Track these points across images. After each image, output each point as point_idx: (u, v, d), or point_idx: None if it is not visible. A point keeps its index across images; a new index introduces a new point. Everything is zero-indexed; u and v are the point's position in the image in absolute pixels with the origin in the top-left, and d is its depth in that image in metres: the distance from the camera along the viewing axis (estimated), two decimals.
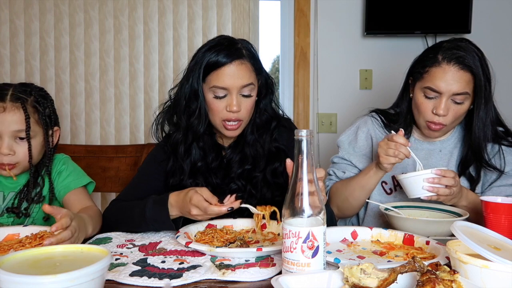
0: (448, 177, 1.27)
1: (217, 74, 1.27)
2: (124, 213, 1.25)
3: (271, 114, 1.41)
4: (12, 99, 1.30)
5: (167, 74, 2.64)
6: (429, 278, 0.69)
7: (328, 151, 2.70)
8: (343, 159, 1.62)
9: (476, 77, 1.38)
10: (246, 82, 1.29)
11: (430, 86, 1.40)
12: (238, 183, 1.37)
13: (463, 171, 1.48)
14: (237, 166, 1.38)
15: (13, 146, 1.30)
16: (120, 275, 0.88)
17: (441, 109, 1.39)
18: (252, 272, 0.90)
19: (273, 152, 1.39)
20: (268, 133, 1.40)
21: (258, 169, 1.38)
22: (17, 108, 1.29)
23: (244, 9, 2.61)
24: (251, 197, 1.38)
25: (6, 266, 0.69)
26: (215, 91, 1.28)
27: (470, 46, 1.42)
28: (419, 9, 2.63)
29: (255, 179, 1.38)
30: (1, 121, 1.27)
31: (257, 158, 1.38)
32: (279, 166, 1.37)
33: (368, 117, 1.64)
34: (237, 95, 1.29)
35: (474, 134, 1.45)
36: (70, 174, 1.43)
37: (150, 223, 1.19)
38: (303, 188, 0.80)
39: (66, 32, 2.61)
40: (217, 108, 1.30)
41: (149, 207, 1.19)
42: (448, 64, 1.39)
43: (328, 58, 2.79)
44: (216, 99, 1.29)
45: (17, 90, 1.32)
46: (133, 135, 2.66)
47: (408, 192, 1.33)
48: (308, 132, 0.81)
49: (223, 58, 1.27)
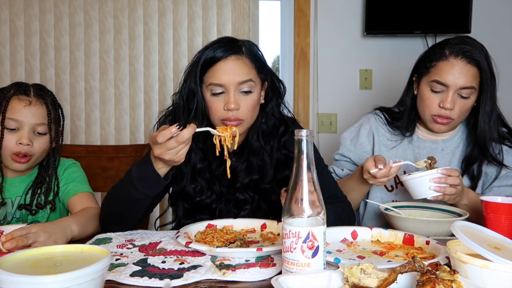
0: (454, 176, 1.27)
1: (213, 70, 1.24)
2: (116, 190, 1.22)
3: (278, 119, 1.35)
4: (36, 95, 1.39)
5: (167, 74, 2.63)
6: (429, 278, 0.69)
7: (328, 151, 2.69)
8: (342, 155, 1.65)
9: (482, 71, 1.40)
10: (244, 78, 1.24)
11: (437, 79, 1.41)
12: (246, 195, 1.32)
13: (466, 169, 1.48)
14: (243, 176, 1.33)
15: (32, 138, 1.37)
16: (121, 276, 0.88)
17: (448, 102, 1.40)
18: (252, 272, 0.90)
19: (282, 160, 1.33)
20: (275, 140, 1.33)
21: (266, 180, 1.32)
22: (40, 104, 1.39)
23: (244, 9, 2.61)
24: (259, 209, 1.34)
25: (6, 266, 0.69)
26: (212, 88, 1.24)
27: (476, 42, 1.44)
28: (419, 9, 2.63)
29: (264, 190, 1.33)
30: (26, 113, 1.36)
31: (264, 168, 1.32)
32: (288, 174, 1.28)
33: (371, 114, 1.65)
34: (234, 92, 1.23)
35: (479, 128, 1.45)
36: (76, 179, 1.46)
37: (138, 183, 1.13)
38: (303, 188, 0.80)
39: (66, 32, 2.61)
40: (216, 107, 1.25)
41: (134, 169, 1.15)
42: (456, 58, 1.40)
43: (328, 58, 2.79)
44: (214, 97, 1.25)
45: (36, 88, 1.42)
46: (133, 135, 2.66)
47: (413, 193, 1.32)
48: (308, 132, 0.81)
49: (219, 53, 1.23)
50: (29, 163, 1.38)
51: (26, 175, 1.44)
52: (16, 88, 1.39)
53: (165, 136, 1.05)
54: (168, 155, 1.08)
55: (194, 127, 1.07)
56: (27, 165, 1.38)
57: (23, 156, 1.35)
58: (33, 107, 1.37)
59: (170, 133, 1.05)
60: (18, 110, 1.35)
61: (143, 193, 1.15)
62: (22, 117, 1.35)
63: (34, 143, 1.37)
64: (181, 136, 1.05)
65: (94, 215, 1.28)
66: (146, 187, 1.14)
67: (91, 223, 1.25)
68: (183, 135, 1.05)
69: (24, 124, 1.35)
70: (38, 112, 1.38)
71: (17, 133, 1.35)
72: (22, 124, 1.35)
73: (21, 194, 1.41)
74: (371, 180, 1.34)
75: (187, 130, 1.06)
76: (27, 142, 1.35)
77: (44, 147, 1.40)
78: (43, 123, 1.38)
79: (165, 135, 1.05)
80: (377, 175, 1.29)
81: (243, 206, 1.34)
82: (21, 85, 1.41)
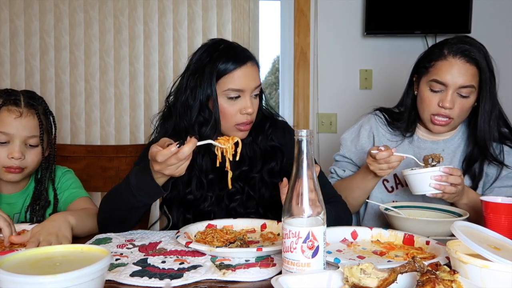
0: (455, 175, 1.27)
1: (232, 76, 1.25)
2: (114, 196, 1.22)
3: (265, 114, 1.41)
4: (27, 105, 1.33)
5: (167, 74, 2.64)
6: (429, 278, 0.69)
7: (328, 151, 2.70)
8: (344, 157, 1.64)
9: (481, 70, 1.40)
10: (258, 83, 1.30)
11: (436, 79, 1.41)
12: (236, 185, 1.35)
13: (467, 168, 1.48)
14: (233, 168, 1.33)
15: (24, 151, 1.32)
16: (121, 276, 0.88)
17: (447, 102, 1.40)
18: (252, 272, 0.90)
19: (269, 151, 1.38)
20: (263, 133, 1.38)
21: (255, 170, 1.36)
22: (32, 114, 1.33)
23: (244, 9, 2.61)
24: (249, 199, 1.36)
25: (6, 266, 0.69)
26: (229, 93, 1.25)
27: (475, 42, 1.44)
28: (419, 9, 2.63)
29: (253, 180, 1.36)
30: (17, 125, 1.30)
31: (254, 159, 1.37)
32: (275, 165, 1.36)
33: (371, 115, 1.65)
34: (250, 97, 1.28)
35: (479, 128, 1.45)
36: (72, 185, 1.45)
37: (137, 192, 1.13)
38: (303, 188, 0.80)
39: (66, 32, 2.61)
40: (231, 112, 1.26)
41: (133, 177, 1.14)
42: (454, 57, 1.40)
43: (328, 58, 2.79)
44: (230, 102, 1.26)
45: (27, 97, 1.35)
46: (133, 135, 2.66)
47: (413, 188, 1.33)
48: (308, 132, 0.81)
49: (236, 61, 1.25)
50: (23, 173, 1.34)
51: (22, 190, 1.41)
52: (6, 97, 1.32)
53: (165, 156, 1.04)
54: (168, 170, 1.07)
55: (194, 142, 1.05)
56: (21, 175, 1.34)
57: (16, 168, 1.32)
58: (24, 119, 1.31)
59: (170, 153, 1.03)
60: (8, 123, 1.29)
61: (141, 201, 1.15)
62: (12, 130, 1.29)
63: (26, 156, 1.32)
64: (182, 153, 1.04)
65: (92, 213, 1.28)
66: (144, 196, 1.14)
67: (89, 219, 1.24)
68: (183, 151, 1.03)
69: (15, 137, 1.30)
70: (30, 124, 1.32)
71: (7, 146, 1.30)
72: (13, 137, 1.30)
73: (19, 211, 1.39)
74: (373, 165, 1.33)
75: (188, 146, 1.04)
76: (18, 156, 1.30)
77: (36, 159, 1.35)
78: (34, 136, 1.33)
79: (165, 154, 1.03)
80: (378, 156, 1.29)
81: (233, 197, 1.37)
82: (11, 93, 1.34)
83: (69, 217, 1.15)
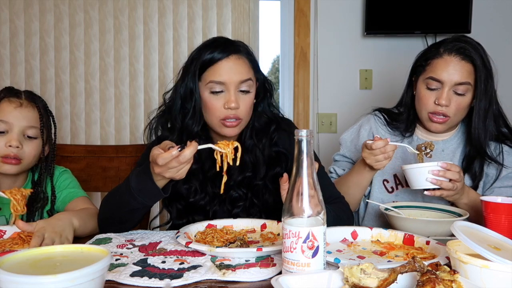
0: (453, 171, 1.27)
1: (214, 69, 1.24)
2: (114, 197, 1.22)
3: (270, 117, 1.37)
4: (27, 98, 1.37)
5: (167, 74, 2.63)
6: (429, 278, 0.69)
7: (328, 151, 2.70)
8: (344, 156, 1.64)
9: (477, 68, 1.40)
10: (244, 77, 1.25)
11: (432, 76, 1.42)
12: (239, 192, 1.34)
13: (467, 167, 1.48)
14: (236, 174, 1.34)
15: (22, 141, 1.34)
16: (121, 276, 0.88)
17: (443, 99, 1.40)
18: (252, 272, 0.90)
19: (273, 157, 1.35)
20: (267, 137, 1.35)
21: (259, 177, 1.34)
22: (32, 107, 1.36)
23: (244, 9, 2.61)
24: (252, 205, 1.35)
25: (6, 266, 0.69)
26: (212, 86, 1.24)
27: (472, 40, 1.44)
28: (419, 9, 2.64)
29: (256, 187, 1.34)
30: (16, 115, 1.33)
31: (257, 165, 1.34)
32: (280, 170, 1.33)
33: (371, 115, 1.65)
34: (235, 91, 1.24)
35: (473, 125, 1.45)
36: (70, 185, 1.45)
37: (137, 194, 1.13)
38: (303, 188, 0.80)
39: (66, 32, 2.61)
40: (215, 106, 1.25)
41: (133, 178, 1.14)
42: (450, 55, 1.41)
43: (328, 58, 2.79)
44: (213, 96, 1.25)
45: (27, 93, 1.39)
46: (133, 135, 2.65)
47: (411, 183, 1.33)
48: (308, 132, 0.81)
49: (220, 53, 1.24)
50: (20, 166, 1.34)
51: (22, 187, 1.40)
52: (6, 91, 1.36)
53: (166, 159, 1.03)
54: (169, 173, 1.07)
55: (195, 146, 1.05)
56: (18, 168, 1.34)
57: (13, 158, 1.32)
58: (24, 109, 1.34)
59: (171, 156, 1.03)
60: (8, 112, 1.32)
61: (142, 203, 1.15)
62: (11, 119, 1.32)
63: (24, 147, 1.33)
64: (183, 156, 1.03)
65: (93, 214, 1.28)
66: (145, 198, 1.14)
67: (90, 220, 1.25)
68: (184, 155, 1.03)
69: (13, 126, 1.32)
70: (29, 114, 1.34)
71: (6, 135, 1.32)
72: (12, 126, 1.32)
73: None
74: (369, 158, 1.33)
75: (189, 150, 1.04)
76: (16, 144, 1.31)
77: (34, 152, 1.36)
78: (34, 126, 1.35)
79: (166, 158, 1.03)
80: (374, 145, 1.29)
81: (236, 203, 1.36)
82: (12, 89, 1.38)
83: (73, 219, 1.16)
